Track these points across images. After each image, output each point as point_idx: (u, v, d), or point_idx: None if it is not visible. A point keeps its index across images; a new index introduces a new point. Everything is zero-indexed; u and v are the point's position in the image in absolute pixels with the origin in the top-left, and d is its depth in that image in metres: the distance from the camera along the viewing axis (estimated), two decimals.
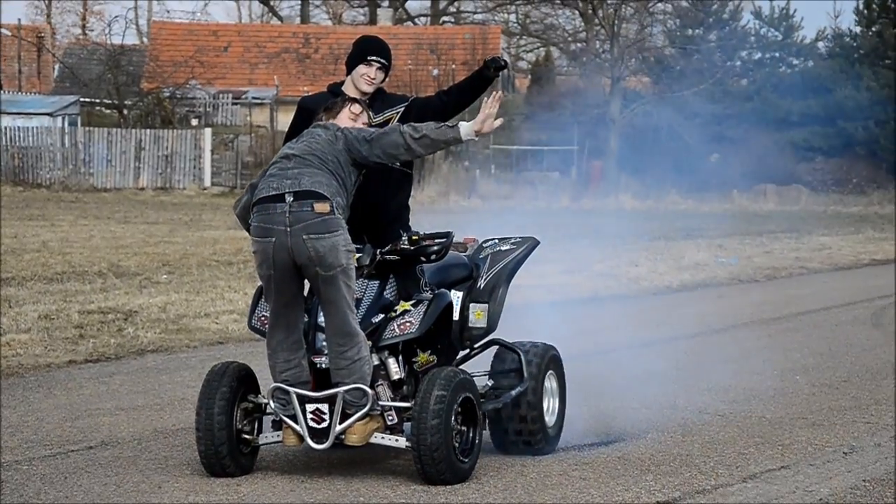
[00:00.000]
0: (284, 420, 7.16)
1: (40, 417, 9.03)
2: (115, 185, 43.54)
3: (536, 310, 15.61)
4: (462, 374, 7.24)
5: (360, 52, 7.73)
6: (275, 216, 7.05)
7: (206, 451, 7.16)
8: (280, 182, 7.12)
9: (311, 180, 7.09)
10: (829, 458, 7.96)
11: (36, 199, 38.14)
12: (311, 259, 6.99)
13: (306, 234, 6.99)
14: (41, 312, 13.77)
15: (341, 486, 7.12)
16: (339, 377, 7.10)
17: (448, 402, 7.01)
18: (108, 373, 10.99)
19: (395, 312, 7.39)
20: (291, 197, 7.06)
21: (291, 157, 7.21)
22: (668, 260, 22.11)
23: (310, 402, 7.13)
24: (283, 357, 7.17)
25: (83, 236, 24.96)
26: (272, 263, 7.06)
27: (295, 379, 7.16)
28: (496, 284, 8.01)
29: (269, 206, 7.08)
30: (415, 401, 7.07)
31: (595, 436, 8.47)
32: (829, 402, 9.85)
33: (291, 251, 7.01)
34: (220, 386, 7.17)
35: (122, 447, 8.09)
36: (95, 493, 7.01)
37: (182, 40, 56.12)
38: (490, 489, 7.12)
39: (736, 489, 7.21)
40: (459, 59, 56.06)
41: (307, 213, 7.02)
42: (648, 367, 11.33)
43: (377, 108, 7.71)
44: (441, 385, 7.04)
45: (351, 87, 7.70)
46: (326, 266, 6.99)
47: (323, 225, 7.01)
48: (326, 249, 6.99)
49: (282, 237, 7.02)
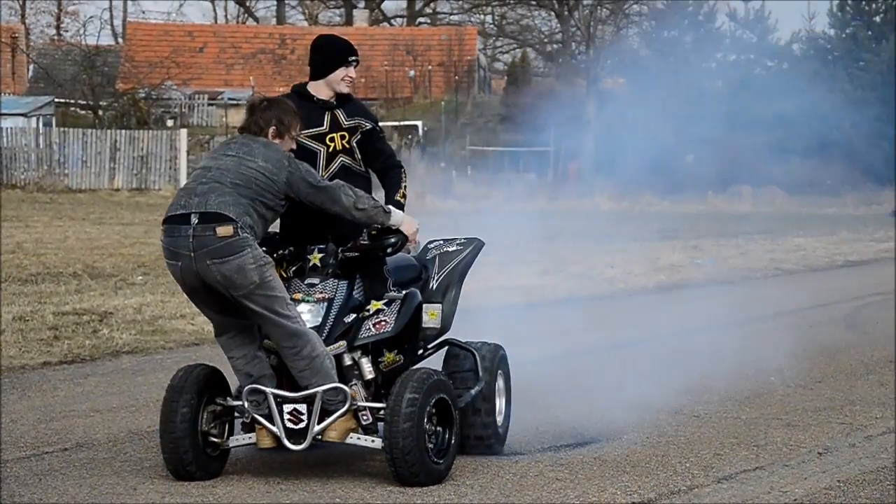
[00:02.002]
0: (259, 421, 7.11)
1: (14, 419, 8.99)
2: (90, 186, 43.40)
3: (511, 311, 15.63)
4: (436, 375, 7.22)
5: (338, 53, 7.65)
6: (179, 239, 7.01)
7: (170, 457, 7.09)
8: (188, 199, 7.05)
9: (218, 200, 7.00)
10: (803, 459, 7.99)
11: (10, 200, 37.98)
12: (219, 283, 6.98)
13: (209, 260, 6.95)
14: (15, 314, 13.71)
15: (317, 487, 7.11)
16: (304, 379, 7.07)
17: (420, 405, 6.99)
18: (82, 374, 10.96)
19: (368, 312, 7.38)
20: (196, 219, 7.00)
21: (211, 169, 7.10)
22: (643, 261, 22.16)
23: (287, 403, 7.09)
24: (239, 353, 7.16)
25: (58, 237, 24.88)
26: (184, 283, 7.09)
27: (258, 373, 7.14)
28: (448, 285, 7.98)
29: (175, 227, 7.04)
30: (387, 402, 7.06)
31: (571, 437, 8.48)
32: (804, 402, 9.89)
33: (199, 274, 7.00)
34: (183, 391, 7.09)
35: (98, 449, 8.06)
36: (70, 495, 6.99)
37: (157, 41, 56.02)
38: (466, 490, 7.12)
39: (711, 490, 7.23)
40: (436, 60, 56.08)
41: (210, 238, 6.95)
42: (624, 368, 11.35)
43: (348, 110, 7.66)
44: (413, 387, 7.02)
45: (324, 90, 7.63)
46: (237, 287, 6.96)
47: (226, 248, 6.94)
48: (233, 272, 6.94)
49: (187, 262, 7.00)
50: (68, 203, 37.83)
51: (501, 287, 17.59)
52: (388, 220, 7.37)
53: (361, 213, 7.27)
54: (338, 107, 7.64)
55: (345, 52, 7.66)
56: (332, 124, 7.62)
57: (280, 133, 7.24)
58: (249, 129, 7.25)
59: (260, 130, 7.22)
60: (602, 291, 18.05)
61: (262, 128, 7.22)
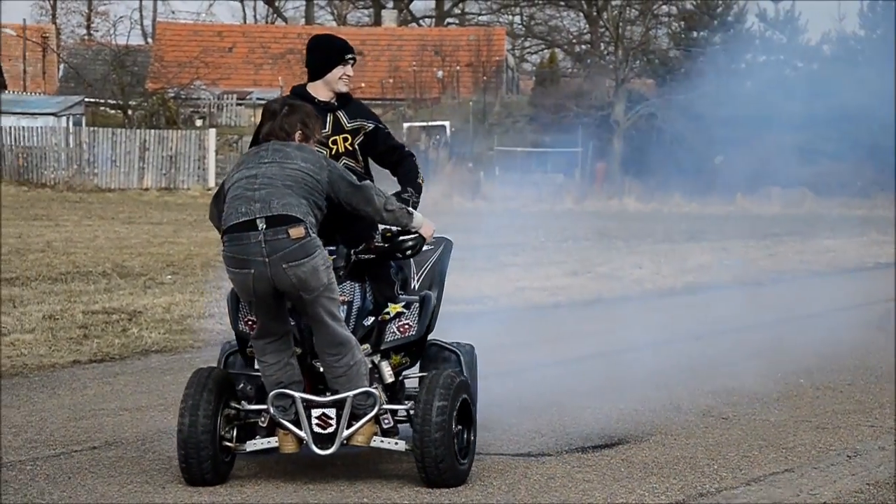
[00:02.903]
0: (285, 426, 7.04)
1: (44, 418, 9.03)
2: (119, 186, 43.58)
3: (539, 311, 15.62)
4: (459, 377, 7.20)
5: (336, 52, 7.58)
6: (249, 246, 6.86)
7: (187, 460, 6.99)
8: (248, 206, 6.92)
9: (281, 202, 6.91)
10: (832, 462, 7.96)
11: (40, 200, 38.17)
12: (293, 286, 6.87)
13: (286, 263, 6.84)
14: (45, 312, 13.78)
15: (345, 487, 7.12)
16: (337, 385, 7.04)
17: (450, 412, 6.99)
18: (112, 373, 11.00)
19: (388, 315, 7.36)
20: (264, 223, 6.88)
21: (257, 176, 6.99)
22: (671, 262, 22.10)
23: (315, 407, 7.05)
24: (273, 358, 7.07)
25: (87, 236, 24.98)
26: (253, 293, 6.93)
27: (288, 379, 7.08)
28: (431, 284, 7.88)
29: (242, 234, 6.88)
30: (415, 404, 7.04)
31: (599, 438, 8.47)
32: (833, 405, 9.85)
33: (272, 280, 6.86)
34: (202, 394, 7.01)
35: (126, 447, 8.09)
36: (99, 494, 7.02)
37: (187, 41, 56.18)
38: (494, 490, 7.12)
39: (739, 492, 7.21)
40: (464, 60, 56.07)
41: (283, 241, 6.85)
42: (652, 369, 11.33)
43: (350, 112, 7.62)
44: (442, 394, 6.99)
45: (323, 90, 7.57)
46: (310, 290, 6.89)
47: (301, 250, 6.86)
48: (308, 274, 6.87)
49: (260, 268, 6.85)
50: (98, 202, 37.99)
51: (529, 288, 17.59)
52: (411, 221, 7.35)
53: (390, 214, 7.25)
54: (339, 108, 7.59)
55: (341, 50, 7.60)
56: (335, 126, 7.57)
57: (306, 136, 7.21)
58: (276, 135, 7.17)
59: (287, 135, 7.17)
60: (630, 292, 18.01)
61: (288, 133, 7.17)
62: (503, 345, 12.72)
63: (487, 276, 18.69)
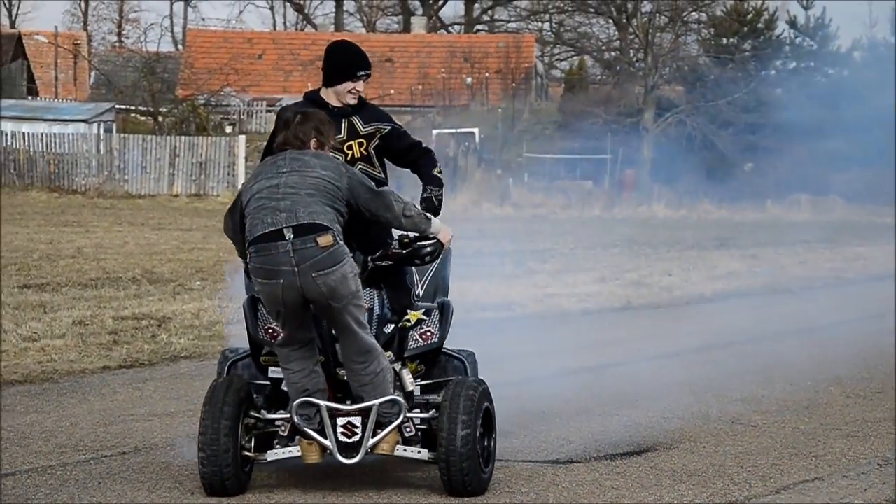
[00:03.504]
0: (309, 434, 6.96)
1: (74, 423, 9.07)
2: (149, 192, 43.73)
3: (567, 318, 15.59)
4: (480, 385, 7.15)
5: (347, 66, 7.48)
6: (278, 256, 6.81)
7: (210, 471, 6.91)
8: (274, 216, 6.87)
9: (307, 211, 6.86)
10: (863, 470, 7.91)
11: (71, 206, 38.35)
12: (322, 295, 6.82)
13: (315, 272, 6.79)
14: (76, 318, 13.83)
15: (373, 493, 7.11)
16: (363, 393, 6.99)
17: (475, 414, 6.96)
18: (141, 379, 11.03)
19: (409, 322, 7.32)
20: (291, 232, 6.83)
21: (279, 186, 6.93)
22: (701, 269, 22.03)
23: (341, 416, 6.98)
24: (298, 366, 7.01)
25: (117, 242, 25.08)
26: (282, 303, 6.87)
27: (313, 387, 7.01)
28: (435, 291, 7.75)
29: (270, 245, 6.82)
30: (440, 414, 6.98)
31: (628, 445, 8.45)
32: (863, 413, 9.80)
33: (302, 290, 6.82)
34: (224, 404, 6.93)
35: (156, 453, 8.11)
36: (129, 499, 7.04)
37: (217, 48, 56.35)
38: (522, 497, 7.11)
39: (769, 500, 7.18)
40: (493, 67, 56.07)
41: (312, 249, 6.80)
42: (681, 377, 11.29)
43: (365, 116, 7.56)
44: (467, 406, 6.95)
45: (333, 98, 7.51)
46: (339, 298, 6.85)
47: (330, 258, 6.82)
48: (337, 282, 6.82)
49: (290, 277, 6.80)
50: (128, 208, 38.14)
51: (558, 294, 17.57)
52: (429, 227, 7.28)
53: (408, 219, 7.19)
54: (354, 113, 7.53)
55: (353, 65, 7.49)
56: (350, 132, 7.51)
57: (321, 144, 7.15)
58: (291, 143, 7.12)
59: (302, 144, 7.11)
60: (659, 300, 17.96)
61: (303, 141, 7.12)
62: (531, 351, 12.71)
63: (516, 283, 18.67)
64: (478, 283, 18.04)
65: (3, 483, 7.36)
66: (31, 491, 7.20)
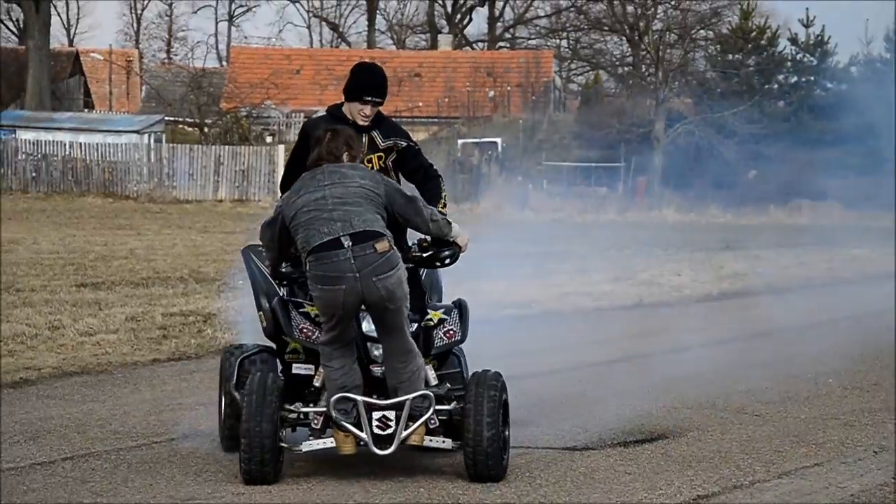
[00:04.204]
0: (346, 427, 6.90)
1: (127, 411, 9.10)
2: (196, 198, 43.84)
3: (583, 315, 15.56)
4: (500, 378, 7.10)
5: (358, 88, 7.37)
6: (339, 263, 6.77)
7: (251, 461, 6.85)
8: (330, 226, 6.83)
9: (361, 219, 6.83)
10: (860, 457, 7.88)
11: (124, 210, 38.47)
12: (381, 298, 6.80)
13: (375, 277, 6.76)
14: (128, 314, 13.87)
15: (407, 481, 7.10)
16: (399, 388, 6.96)
17: (498, 403, 6.95)
18: (188, 370, 11.06)
19: (432, 322, 7.28)
20: (349, 240, 6.80)
21: (326, 198, 6.88)
22: (708, 269, 21.96)
23: (376, 410, 6.95)
24: (339, 363, 6.96)
25: (167, 244, 25.14)
26: (341, 306, 6.82)
27: (351, 383, 6.97)
28: (430, 291, 7.66)
29: (330, 253, 6.78)
30: (465, 405, 6.95)
31: (640, 433, 8.43)
32: (861, 403, 9.75)
33: (362, 294, 6.78)
34: (266, 398, 6.88)
35: (202, 439, 8.12)
36: (177, 482, 7.06)
37: (258, 64, 56.47)
38: (541, 482, 7.10)
39: (771, 485, 7.16)
40: (514, 81, 56.02)
41: (371, 256, 6.78)
42: (689, 369, 11.27)
43: (384, 131, 7.47)
44: (491, 396, 6.94)
45: (351, 112, 7.41)
46: (395, 300, 6.83)
47: (387, 263, 6.81)
48: (395, 286, 6.81)
49: (352, 283, 6.76)
50: (176, 213, 38.24)
51: (574, 293, 17.53)
52: (451, 231, 7.26)
53: (435, 224, 7.17)
54: (373, 128, 7.44)
55: (363, 89, 7.35)
56: (370, 146, 7.42)
57: (353, 157, 7.11)
58: (326, 158, 7.05)
59: (336, 158, 7.06)
60: (669, 298, 17.91)
61: (337, 156, 7.06)
62: (549, 346, 12.70)
63: (535, 283, 18.65)
64: (500, 283, 18.03)
65: (61, 466, 7.40)
66: (88, 473, 7.24)
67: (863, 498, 6.91)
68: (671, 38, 51.91)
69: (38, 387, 9.99)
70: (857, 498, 6.90)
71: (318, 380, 7.18)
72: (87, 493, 6.80)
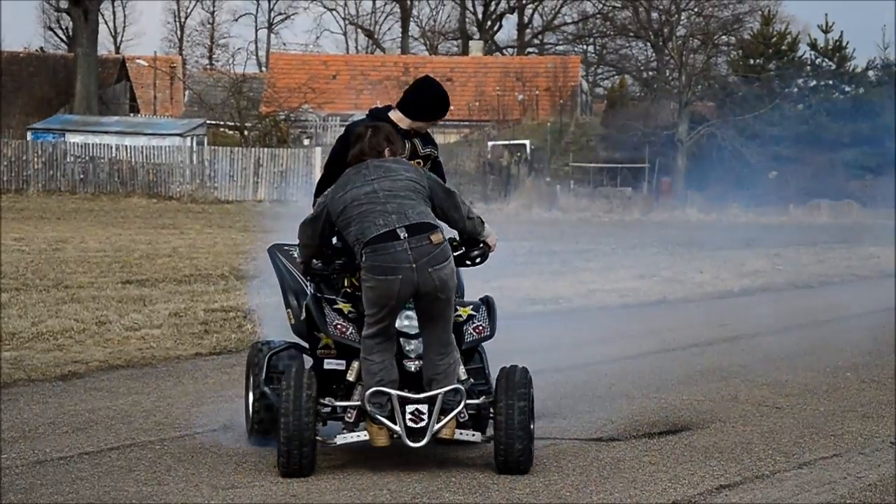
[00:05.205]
0: (381, 421, 6.86)
1: (170, 403, 9.13)
2: (236, 198, 44.00)
3: (609, 312, 15.53)
4: (527, 373, 7.05)
5: (434, 110, 7.32)
6: (397, 254, 6.69)
7: (290, 453, 6.80)
8: (385, 218, 6.78)
9: (414, 211, 6.79)
10: (877, 448, 7.83)
11: (168, 210, 38.65)
12: (436, 287, 6.74)
13: (431, 267, 6.71)
14: (171, 310, 13.93)
15: (439, 472, 7.10)
16: (435, 381, 6.91)
17: (527, 402, 6.92)
18: (229, 364, 11.08)
19: (461, 318, 7.21)
20: (405, 232, 6.75)
21: (377, 192, 6.83)
22: (729, 267, 21.88)
23: (409, 404, 6.90)
24: (379, 357, 6.90)
25: (208, 243, 25.23)
26: (396, 297, 6.76)
27: (388, 378, 6.90)
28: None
29: (387, 244, 6.71)
30: (496, 399, 6.90)
31: (664, 425, 8.40)
32: (878, 396, 9.70)
33: (417, 284, 6.73)
34: (304, 391, 6.83)
35: (242, 431, 8.13)
36: (219, 471, 7.08)
37: (296, 69, 56.64)
38: (569, 472, 7.09)
39: (791, 475, 7.12)
40: (542, 85, 55.97)
41: (427, 247, 6.72)
42: (711, 363, 11.23)
43: (424, 139, 7.43)
44: (521, 394, 6.91)
45: (404, 122, 7.33)
46: (447, 290, 6.79)
47: (441, 254, 6.77)
48: (448, 276, 6.78)
49: (408, 273, 6.71)
50: (217, 213, 38.38)
51: (601, 290, 17.49)
52: (483, 230, 7.23)
53: (471, 221, 7.13)
54: (415, 135, 7.39)
55: (438, 112, 7.31)
56: (411, 152, 7.37)
57: (394, 153, 7.07)
58: (368, 154, 7.00)
59: (378, 154, 7.02)
60: (692, 294, 17.86)
61: (379, 151, 7.02)
62: (577, 341, 12.68)
63: (562, 280, 18.62)
64: (528, 280, 18.02)
65: (108, 456, 7.44)
66: (133, 463, 7.27)
67: (880, 487, 6.87)
68: (694, 43, 51.73)
69: (86, 380, 10.04)
70: (874, 487, 6.86)
71: (353, 374, 7.15)
72: (132, 482, 6.84)
